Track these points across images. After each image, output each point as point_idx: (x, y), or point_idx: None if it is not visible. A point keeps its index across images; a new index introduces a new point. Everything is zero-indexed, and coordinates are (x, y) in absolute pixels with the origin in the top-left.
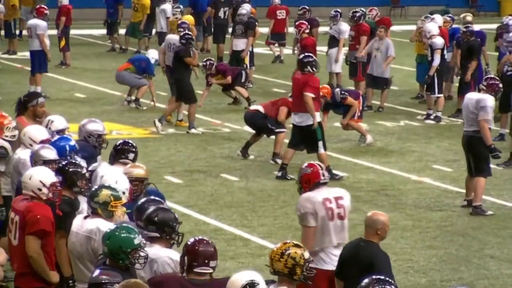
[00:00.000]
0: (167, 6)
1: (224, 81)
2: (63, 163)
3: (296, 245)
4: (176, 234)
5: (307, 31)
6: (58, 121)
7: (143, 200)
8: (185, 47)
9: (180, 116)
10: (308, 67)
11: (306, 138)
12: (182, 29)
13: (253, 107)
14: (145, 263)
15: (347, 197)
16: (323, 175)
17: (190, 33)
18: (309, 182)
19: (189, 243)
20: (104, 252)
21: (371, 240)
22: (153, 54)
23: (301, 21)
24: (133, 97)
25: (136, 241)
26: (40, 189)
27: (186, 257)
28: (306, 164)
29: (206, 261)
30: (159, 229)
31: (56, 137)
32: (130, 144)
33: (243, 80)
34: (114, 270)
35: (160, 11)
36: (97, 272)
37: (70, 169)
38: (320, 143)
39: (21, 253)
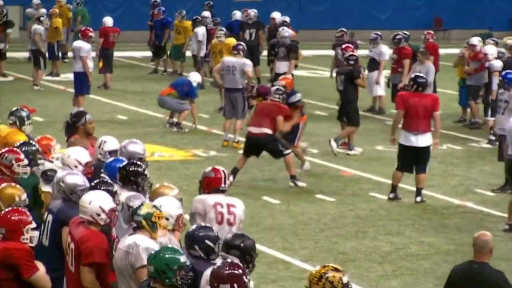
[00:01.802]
0: (200, 29)
1: None
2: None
3: (335, 269)
4: (253, 265)
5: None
6: (111, 142)
7: (194, 227)
8: (354, 68)
9: (237, 138)
10: (277, 96)
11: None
12: (236, 51)
13: (256, 130)
14: (189, 283)
15: (240, 207)
16: (224, 183)
17: (355, 54)
18: (209, 185)
19: (215, 268)
20: (149, 272)
21: (484, 261)
22: (195, 77)
23: (347, 45)
24: (175, 120)
25: (182, 259)
26: (98, 215)
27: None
28: (211, 168)
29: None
30: (241, 256)
31: (109, 158)
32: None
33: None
34: None
35: (194, 33)
36: None
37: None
38: (283, 148)
39: (78, 280)
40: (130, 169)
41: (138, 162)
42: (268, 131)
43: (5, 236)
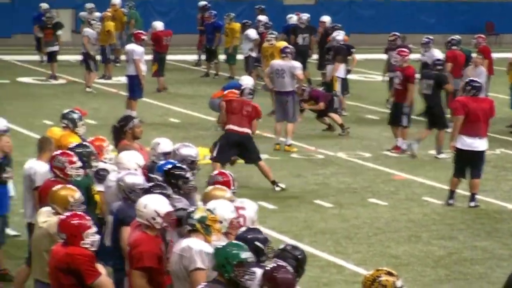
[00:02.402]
0: (250, 31)
1: (317, 107)
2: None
3: (389, 273)
4: (299, 276)
5: (408, 59)
6: (165, 144)
7: (243, 230)
8: (441, 73)
9: (289, 141)
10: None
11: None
12: (285, 54)
13: (239, 128)
14: (251, 280)
15: (251, 208)
16: (233, 185)
17: (441, 59)
18: None
19: (267, 269)
20: (212, 266)
21: None
22: (246, 81)
23: (402, 49)
24: None
25: (243, 255)
26: (154, 218)
27: (264, 285)
28: (217, 172)
29: None
30: (296, 267)
31: (163, 160)
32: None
33: (335, 106)
34: (220, 284)
35: (245, 36)
36: (202, 285)
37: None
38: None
39: (131, 284)
40: (172, 171)
41: (181, 165)
42: (249, 131)
43: (66, 241)
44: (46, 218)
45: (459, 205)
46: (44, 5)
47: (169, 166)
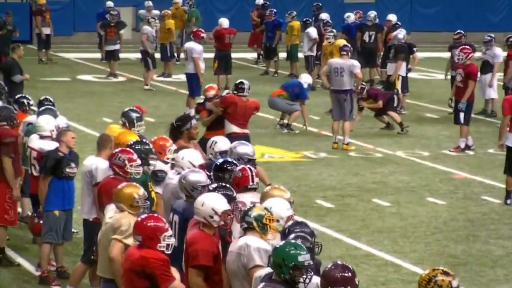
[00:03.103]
0: (311, 29)
1: (375, 105)
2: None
3: (445, 273)
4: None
5: (472, 56)
6: (222, 142)
7: (290, 224)
8: None
9: (347, 140)
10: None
11: None
12: (344, 52)
13: (241, 130)
14: (307, 284)
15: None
16: (252, 181)
17: None
18: (238, 185)
19: (327, 268)
20: (270, 264)
21: None
22: (305, 79)
23: (465, 46)
24: (285, 121)
25: (300, 258)
26: (211, 217)
27: (322, 281)
28: (238, 168)
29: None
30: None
31: (220, 158)
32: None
33: (395, 104)
34: (278, 284)
35: (305, 34)
36: (261, 285)
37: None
38: None
39: (187, 282)
40: (223, 166)
41: (232, 161)
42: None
43: (141, 244)
44: (112, 214)
45: None
46: (109, 3)
47: (221, 161)
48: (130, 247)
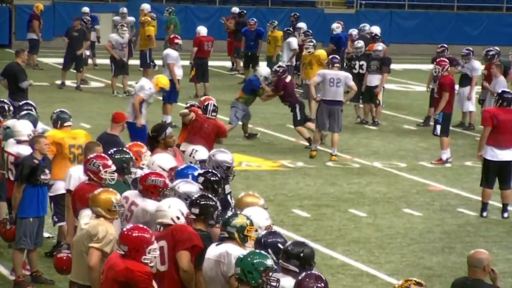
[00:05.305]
0: (292, 39)
1: (273, 93)
2: (196, 196)
3: (418, 283)
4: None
5: (448, 69)
6: (202, 152)
7: (263, 233)
8: None
9: (335, 151)
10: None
11: None
12: (338, 64)
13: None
14: (277, 285)
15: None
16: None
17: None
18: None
19: (300, 277)
20: (236, 274)
21: (479, 277)
22: (262, 71)
23: (442, 59)
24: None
25: (269, 262)
26: (178, 218)
27: None
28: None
29: None
30: (301, 266)
31: (198, 167)
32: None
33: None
34: None
35: (286, 44)
36: None
37: (203, 202)
38: None
39: (170, 276)
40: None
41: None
42: None
43: (126, 254)
44: (88, 220)
45: (494, 217)
46: (85, 8)
47: (201, 171)
48: (112, 256)
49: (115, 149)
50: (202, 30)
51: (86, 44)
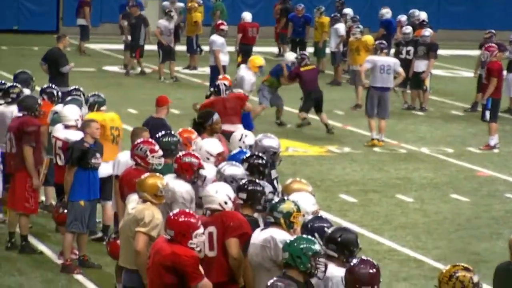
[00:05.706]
0: (340, 25)
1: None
2: (243, 181)
3: (466, 269)
4: (352, 258)
5: (497, 54)
6: (251, 137)
7: (309, 218)
8: None
9: (383, 137)
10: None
11: None
12: (385, 49)
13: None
14: (325, 272)
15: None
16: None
17: None
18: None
19: (352, 264)
20: (284, 259)
21: None
22: (288, 57)
23: (490, 44)
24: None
25: (317, 247)
26: (226, 203)
27: (347, 277)
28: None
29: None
30: (339, 250)
31: (247, 152)
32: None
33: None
34: (291, 280)
35: (333, 30)
36: (273, 279)
37: (251, 188)
38: None
39: (219, 262)
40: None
41: (259, 155)
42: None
43: (172, 239)
44: (135, 205)
45: None
46: None
47: (247, 155)
48: (159, 240)
49: (162, 132)
50: (247, 16)
51: (147, 31)
